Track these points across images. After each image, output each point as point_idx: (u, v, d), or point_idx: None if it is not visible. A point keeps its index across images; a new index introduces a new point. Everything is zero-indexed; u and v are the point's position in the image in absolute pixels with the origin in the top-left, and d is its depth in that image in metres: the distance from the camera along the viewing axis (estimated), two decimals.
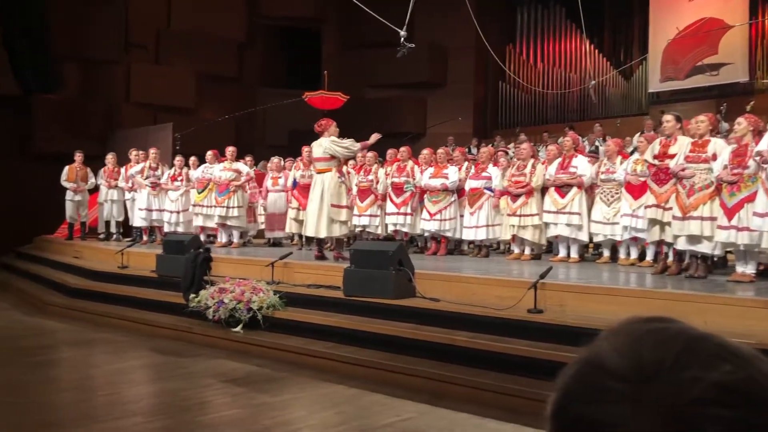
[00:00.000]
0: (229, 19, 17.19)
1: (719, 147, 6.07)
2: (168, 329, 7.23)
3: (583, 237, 8.00)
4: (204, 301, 6.93)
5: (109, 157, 11.94)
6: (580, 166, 8.00)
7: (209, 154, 10.60)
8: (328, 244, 8.86)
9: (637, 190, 7.14)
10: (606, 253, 8.03)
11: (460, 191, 9.11)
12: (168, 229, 10.86)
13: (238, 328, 6.63)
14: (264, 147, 15.96)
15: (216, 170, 10.32)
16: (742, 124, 5.96)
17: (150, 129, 14.68)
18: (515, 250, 8.52)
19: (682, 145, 6.31)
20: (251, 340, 6.48)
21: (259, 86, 18.07)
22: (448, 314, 5.84)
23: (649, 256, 7.40)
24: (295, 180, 10.21)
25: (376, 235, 9.87)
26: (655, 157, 6.58)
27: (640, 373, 0.57)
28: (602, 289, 5.66)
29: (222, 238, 10.46)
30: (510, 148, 12.12)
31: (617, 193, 7.56)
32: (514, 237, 8.41)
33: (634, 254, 7.68)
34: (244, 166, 10.61)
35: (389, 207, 9.58)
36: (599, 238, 7.89)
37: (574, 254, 8.08)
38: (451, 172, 9.10)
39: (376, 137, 8.27)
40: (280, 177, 10.77)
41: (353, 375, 5.50)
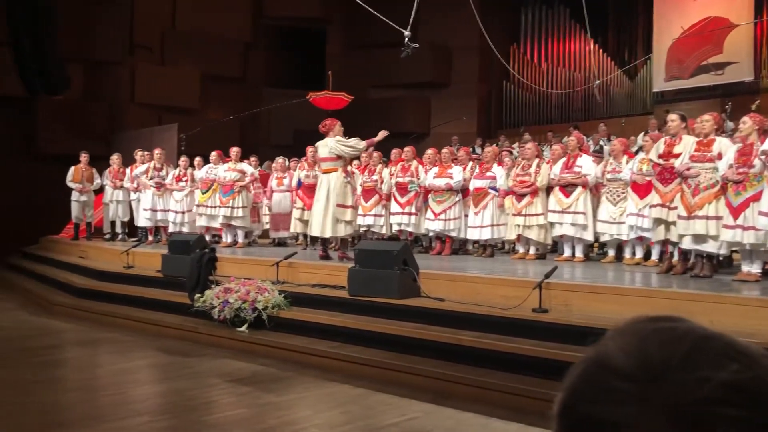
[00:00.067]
0: (233, 19, 17.22)
1: (724, 146, 6.06)
2: (173, 329, 7.25)
3: (588, 236, 7.98)
4: (209, 300, 6.95)
5: (114, 158, 11.97)
6: (585, 165, 7.99)
7: (213, 154, 10.62)
8: (332, 244, 8.87)
9: (643, 189, 7.13)
10: (611, 252, 8.02)
11: (464, 191, 9.11)
12: (173, 229, 10.88)
13: (243, 328, 6.65)
14: (268, 147, 15.97)
15: (220, 171, 10.34)
16: (747, 123, 5.94)
17: (155, 129, 14.71)
18: (520, 249, 8.52)
19: (687, 145, 6.30)
20: (256, 340, 6.49)
21: (264, 86, 18.10)
22: (453, 314, 5.84)
23: (655, 256, 7.39)
24: (299, 180, 10.22)
25: (381, 234, 9.87)
26: (659, 157, 6.57)
27: (647, 372, 0.58)
28: (607, 289, 5.65)
29: (227, 238, 10.48)
30: (514, 147, 12.12)
31: (623, 193, 7.55)
32: (519, 237, 8.41)
33: (639, 254, 7.66)
34: (248, 167, 10.63)
35: (394, 207, 9.58)
36: (605, 237, 7.87)
37: (579, 254, 8.07)
38: (456, 172, 9.09)
39: (384, 134, 8.22)
40: (285, 177, 10.78)
41: (358, 374, 5.50)
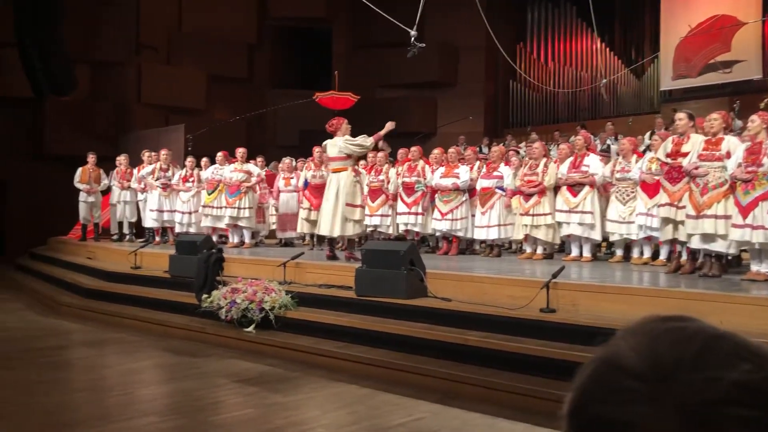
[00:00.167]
0: (239, 20, 17.26)
1: (733, 145, 6.02)
2: (181, 329, 7.27)
3: (596, 236, 7.96)
4: (216, 301, 6.96)
5: (121, 159, 12.02)
6: (592, 165, 7.97)
7: (219, 155, 10.65)
8: (339, 244, 8.87)
9: (652, 188, 7.08)
10: (619, 252, 7.99)
11: (471, 191, 9.09)
12: (180, 229, 10.91)
13: (250, 328, 6.65)
14: (275, 147, 16.01)
15: (226, 171, 10.36)
16: (755, 121, 5.91)
17: (161, 130, 14.76)
18: (527, 249, 8.50)
19: (695, 144, 6.27)
20: (263, 340, 6.49)
21: (270, 87, 18.14)
22: (460, 314, 5.83)
23: (663, 255, 7.36)
24: (306, 180, 10.23)
25: (388, 234, 9.87)
26: (667, 156, 6.54)
27: (658, 372, 0.57)
28: (615, 289, 5.62)
29: (233, 238, 10.50)
30: (521, 147, 12.09)
31: (632, 192, 7.51)
32: (526, 236, 8.39)
33: (648, 253, 7.63)
34: (254, 167, 10.65)
35: (400, 207, 9.58)
36: (615, 237, 7.83)
37: (587, 253, 8.04)
38: (462, 172, 9.08)
39: (390, 125, 8.15)
40: (292, 177, 10.80)
41: (365, 375, 5.50)
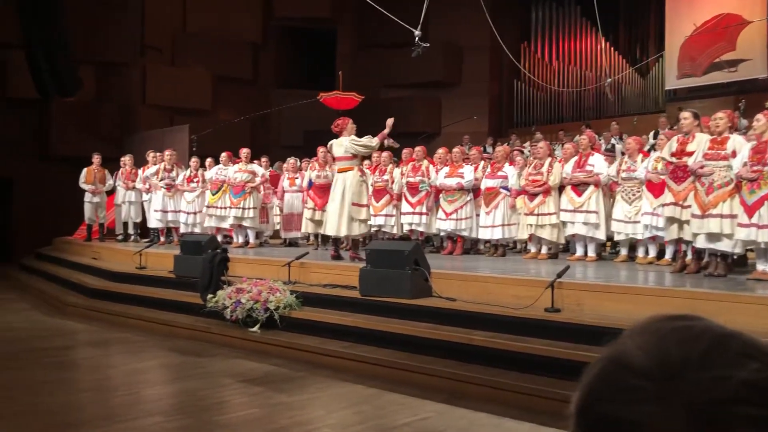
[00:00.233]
0: (244, 20, 17.28)
1: (738, 144, 6.01)
2: (186, 329, 7.28)
3: (600, 236, 7.94)
4: (221, 301, 6.97)
5: (126, 159, 12.04)
6: (597, 164, 7.96)
7: (223, 155, 10.67)
8: (344, 244, 8.87)
9: (658, 188, 7.06)
10: (624, 251, 7.97)
11: (476, 191, 9.09)
12: (185, 230, 10.93)
13: (255, 328, 6.66)
14: (279, 148, 16.02)
15: (230, 172, 10.37)
16: (761, 120, 5.89)
17: (166, 131, 14.79)
18: (532, 249, 8.49)
19: (700, 143, 6.25)
20: (268, 340, 6.50)
21: (274, 87, 18.15)
22: (465, 314, 5.83)
23: (668, 255, 7.34)
24: (310, 180, 10.24)
25: (392, 234, 9.87)
26: (672, 155, 6.52)
27: (666, 371, 0.57)
28: (620, 288, 5.62)
29: (238, 238, 10.52)
30: (525, 146, 12.08)
31: (638, 192, 7.49)
32: (531, 236, 8.38)
33: (653, 253, 7.61)
34: (259, 168, 10.66)
35: (404, 207, 9.58)
36: (621, 236, 7.80)
37: (592, 253, 8.03)
38: (467, 172, 9.07)
39: (390, 123, 8.13)
40: (296, 177, 10.80)
41: (371, 374, 5.50)
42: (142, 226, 11.96)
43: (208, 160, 11.11)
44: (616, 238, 7.99)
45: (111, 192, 12.32)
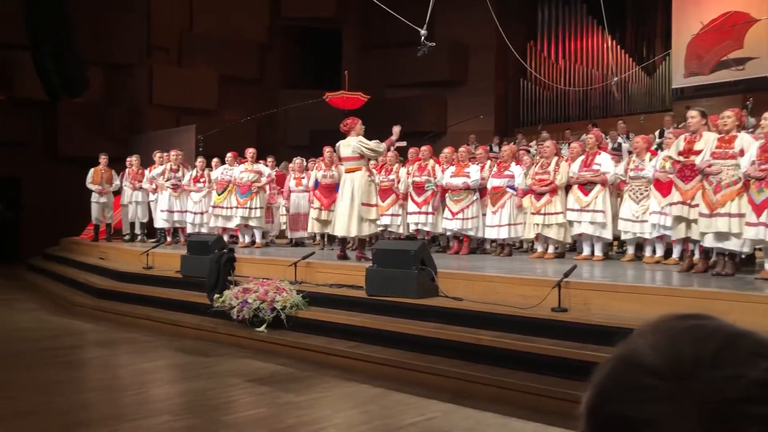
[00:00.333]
0: (250, 21, 17.31)
1: (746, 142, 5.98)
2: (193, 329, 7.30)
3: (607, 235, 7.92)
4: (228, 301, 6.98)
5: (133, 159, 12.08)
6: (604, 163, 7.93)
7: (229, 155, 10.68)
8: (350, 243, 8.87)
9: (666, 187, 7.02)
10: (630, 250, 7.95)
11: (482, 190, 9.08)
12: (191, 230, 10.96)
13: (262, 328, 6.67)
14: (285, 147, 16.04)
15: (236, 172, 10.39)
16: None
17: (173, 131, 14.83)
18: (538, 248, 8.47)
19: (708, 141, 6.22)
20: (275, 340, 6.51)
21: (281, 87, 18.17)
22: (472, 313, 5.82)
23: (675, 254, 7.31)
24: (316, 180, 10.24)
25: (398, 234, 9.87)
26: (680, 154, 6.49)
27: (678, 370, 0.57)
28: (627, 288, 5.60)
29: (244, 238, 10.53)
30: (532, 146, 12.05)
31: (646, 191, 7.46)
32: (537, 235, 8.36)
33: (660, 252, 7.58)
34: (265, 168, 10.67)
35: (410, 206, 9.58)
36: (628, 236, 7.77)
37: (598, 252, 8.01)
38: (473, 171, 9.06)
39: (397, 129, 8.16)
40: (303, 177, 10.82)
41: (377, 374, 5.50)
42: (148, 226, 11.99)
43: (215, 160, 11.14)
44: (623, 237, 7.96)
45: (118, 192, 12.36)
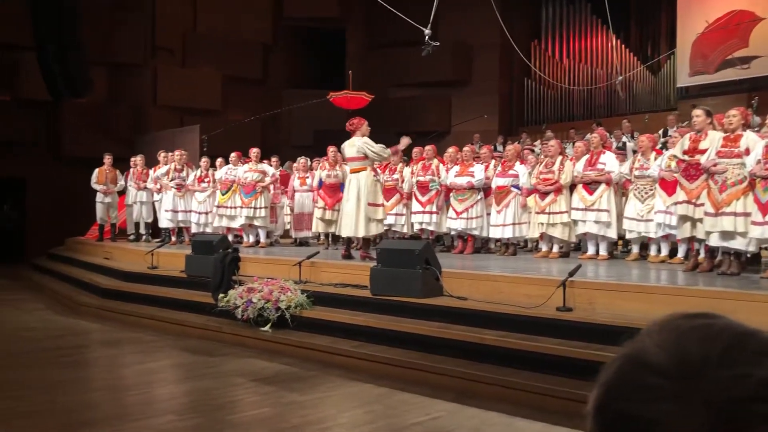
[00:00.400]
0: (253, 21, 17.33)
1: (752, 141, 5.96)
2: (197, 329, 7.31)
3: (612, 234, 7.90)
4: (233, 300, 6.99)
5: (137, 159, 12.10)
6: (609, 162, 7.92)
7: (233, 155, 10.70)
8: (354, 243, 8.87)
9: (671, 186, 6.99)
10: (635, 249, 7.93)
11: (486, 190, 9.07)
12: (196, 230, 10.98)
13: (266, 328, 6.68)
14: (289, 147, 16.06)
15: (240, 171, 10.40)
16: None
17: (177, 131, 14.86)
18: (543, 247, 8.46)
19: (713, 140, 6.21)
20: (280, 339, 6.52)
21: (284, 87, 18.19)
22: (477, 313, 5.81)
23: (681, 253, 7.29)
24: (320, 180, 10.25)
25: (402, 234, 9.87)
26: (685, 153, 6.48)
27: (684, 369, 0.57)
28: (632, 287, 5.59)
29: (249, 238, 10.55)
30: (536, 145, 12.04)
31: (651, 190, 7.44)
32: (542, 235, 8.35)
33: (665, 251, 7.56)
34: (269, 167, 10.68)
35: (415, 206, 9.57)
36: (632, 235, 7.75)
37: (603, 252, 7.99)
38: (477, 170, 9.06)
39: (406, 142, 8.20)
40: (307, 177, 10.82)
41: (382, 374, 5.50)
42: (153, 226, 12.01)
43: (219, 160, 11.15)
44: (628, 236, 7.94)
45: (122, 192, 12.39)
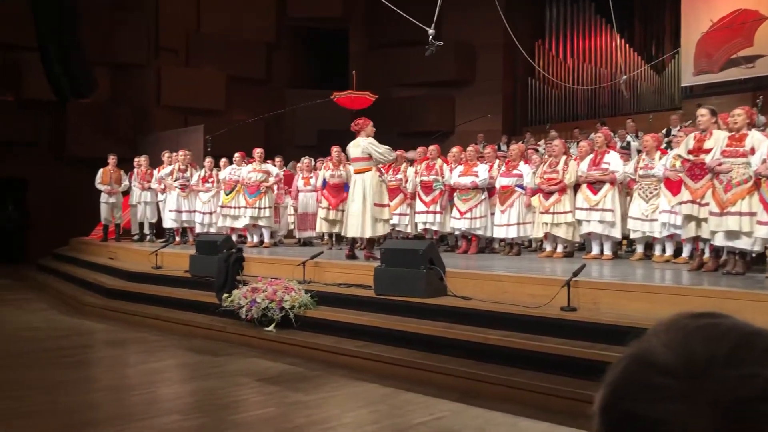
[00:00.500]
0: (257, 21, 17.35)
1: (757, 140, 5.94)
2: (202, 329, 7.32)
3: (616, 234, 7.88)
4: (237, 300, 7.00)
5: (141, 160, 12.12)
6: (613, 162, 7.90)
7: (236, 155, 10.71)
8: (358, 243, 8.87)
9: (676, 185, 6.96)
10: (640, 249, 7.91)
11: (490, 189, 9.06)
12: (200, 230, 10.99)
13: (270, 327, 6.68)
14: (293, 147, 16.07)
15: (244, 172, 10.41)
16: None
17: (181, 131, 14.88)
18: (547, 247, 8.45)
19: (718, 140, 6.19)
20: (284, 339, 6.52)
21: (288, 87, 18.21)
22: (481, 313, 5.81)
23: (685, 253, 7.28)
24: (324, 180, 10.25)
25: (406, 233, 9.86)
26: (689, 152, 6.46)
27: (692, 368, 0.57)
28: (637, 287, 5.57)
29: (253, 238, 10.55)
30: (540, 145, 12.02)
31: (656, 189, 7.42)
32: (546, 234, 8.33)
33: (670, 251, 7.55)
34: (273, 167, 10.69)
35: (418, 206, 9.57)
36: (637, 234, 7.72)
37: (608, 251, 7.98)
38: (481, 170, 9.05)
39: (413, 155, 8.22)
40: (311, 177, 10.83)
41: (386, 373, 5.50)
42: (157, 226, 12.03)
43: (223, 160, 11.16)
44: (633, 236, 7.92)
45: (126, 192, 12.41)
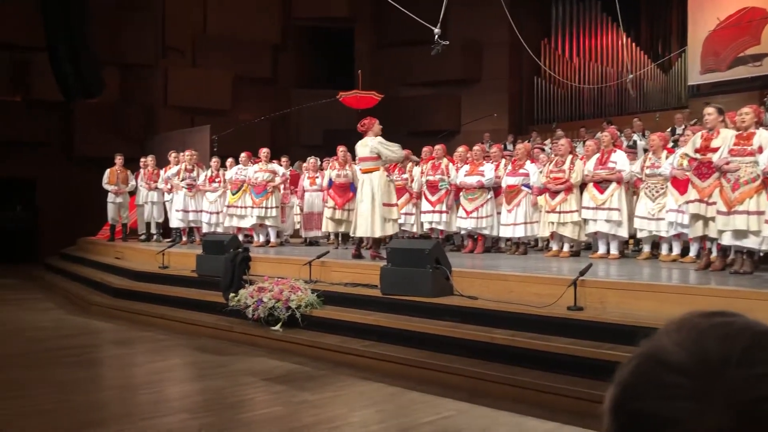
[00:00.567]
0: (263, 21, 17.38)
1: (765, 139, 5.91)
2: (208, 328, 7.33)
3: (623, 233, 7.86)
4: (243, 300, 7.01)
5: (147, 160, 12.15)
6: (619, 161, 7.87)
7: (243, 155, 10.72)
8: (364, 243, 8.87)
9: (683, 184, 6.94)
10: (646, 248, 7.89)
11: (496, 189, 9.04)
12: (206, 229, 11.01)
13: (277, 327, 6.69)
14: (299, 147, 16.09)
15: (250, 171, 10.42)
16: None
17: (187, 131, 14.91)
18: (554, 247, 8.43)
19: (725, 138, 6.16)
20: (290, 339, 6.53)
21: (294, 87, 18.23)
22: (487, 312, 5.80)
23: (692, 252, 7.25)
24: (330, 179, 10.25)
25: (412, 233, 9.86)
26: (696, 151, 6.43)
27: (705, 368, 0.56)
28: (643, 286, 5.55)
29: (259, 238, 10.57)
30: (546, 144, 12.00)
31: (663, 188, 7.40)
32: (553, 234, 8.32)
33: (677, 250, 7.52)
34: (279, 167, 10.70)
35: (424, 205, 9.56)
36: (643, 234, 7.70)
37: (614, 251, 7.95)
38: (487, 170, 9.03)
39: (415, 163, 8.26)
40: (317, 177, 10.84)
41: (392, 373, 5.50)
42: (164, 226, 12.06)
43: (229, 160, 11.18)
44: (639, 235, 7.90)
45: (133, 192, 12.45)
